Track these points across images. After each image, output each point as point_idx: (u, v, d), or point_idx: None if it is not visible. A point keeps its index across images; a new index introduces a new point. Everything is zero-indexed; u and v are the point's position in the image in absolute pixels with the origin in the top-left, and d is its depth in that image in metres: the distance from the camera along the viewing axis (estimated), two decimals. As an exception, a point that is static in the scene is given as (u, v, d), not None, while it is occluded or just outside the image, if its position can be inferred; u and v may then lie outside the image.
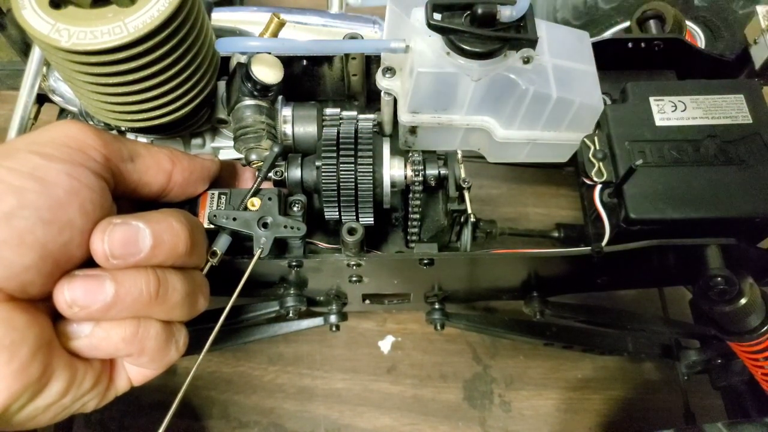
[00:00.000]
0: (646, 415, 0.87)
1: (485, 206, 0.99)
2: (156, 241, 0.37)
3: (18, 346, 0.33)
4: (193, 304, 0.41)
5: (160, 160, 0.43)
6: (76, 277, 0.35)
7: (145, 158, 0.42)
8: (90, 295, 0.35)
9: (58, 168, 0.35)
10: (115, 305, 0.36)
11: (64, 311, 0.36)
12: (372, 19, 0.72)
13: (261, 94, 0.51)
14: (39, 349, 0.34)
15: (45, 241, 0.34)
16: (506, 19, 0.45)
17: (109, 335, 0.37)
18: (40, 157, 0.35)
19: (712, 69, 0.64)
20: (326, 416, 0.88)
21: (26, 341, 0.33)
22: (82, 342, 0.37)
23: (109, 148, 0.39)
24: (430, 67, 0.47)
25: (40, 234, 0.33)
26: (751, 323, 0.55)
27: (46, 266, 0.34)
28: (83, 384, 0.37)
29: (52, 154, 0.36)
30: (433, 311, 0.70)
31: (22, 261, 0.33)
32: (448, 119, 0.52)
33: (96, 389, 0.39)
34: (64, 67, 0.44)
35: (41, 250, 0.34)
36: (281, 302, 0.63)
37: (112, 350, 0.38)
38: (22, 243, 0.33)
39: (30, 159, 0.35)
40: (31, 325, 0.34)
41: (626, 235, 0.53)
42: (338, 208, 0.51)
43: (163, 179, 0.44)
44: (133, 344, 0.38)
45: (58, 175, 0.35)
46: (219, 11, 0.73)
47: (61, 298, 0.35)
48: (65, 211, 0.35)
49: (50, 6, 0.42)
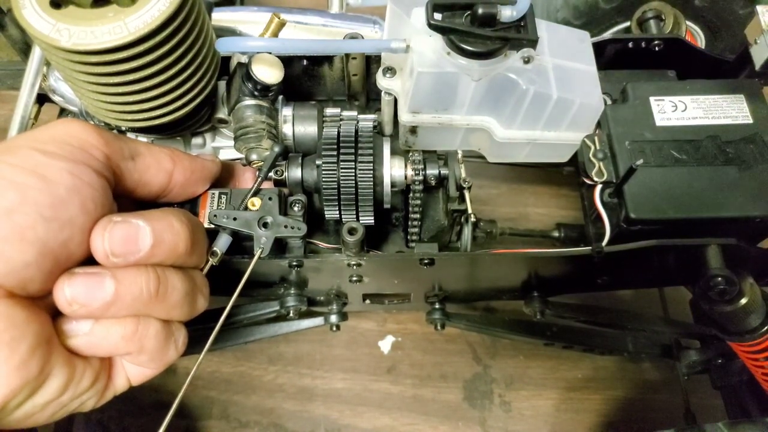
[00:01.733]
0: (646, 415, 0.87)
1: (485, 206, 0.99)
2: (156, 240, 0.37)
3: (18, 342, 0.33)
4: (193, 303, 0.41)
5: (161, 160, 0.43)
6: (77, 275, 0.35)
7: (145, 157, 0.42)
8: (90, 293, 0.35)
9: (60, 165, 0.35)
10: (114, 303, 0.36)
11: (64, 308, 0.36)
12: (372, 19, 0.72)
13: (261, 93, 0.51)
14: (38, 346, 0.34)
15: (46, 238, 0.34)
16: (507, 19, 0.45)
17: (109, 333, 0.37)
18: (41, 155, 0.35)
19: (713, 69, 0.64)
20: (326, 416, 0.88)
21: (26, 337, 0.33)
22: (81, 340, 0.37)
23: (110, 146, 0.39)
24: (431, 67, 0.47)
25: (41, 231, 0.33)
26: (751, 323, 0.55)
27: (46, 263, 0.34)
28: (82, 382, 0.38)
29: (54, 151, 0.36)
30: (434, 311, 0.70)
31: (23, 257, 0.33)
32: (449, 119, 0.52)
33: (94, 388, 0.39)
34: (65, 67, 0.44)
35: (42, 247, 0.34)
36: (282, 302, 0.63)
37: (112, 348, 0.38)
38: (23, 239, 0.33)
39: (32, 156, 0.35)
40: (31, 321, 0.34)
41: (626, 235, 0.53)
42: (338, 208, 0.51)
43: (163, 178, 0.44)
44: (132, 342, 0.38)
45: (59, 172, 0.35)
46: (219, 11, 0.73)
47: (62, 295, 0.35)
48: (66, 209, 0.35)
49: (51, 6, 0.42)
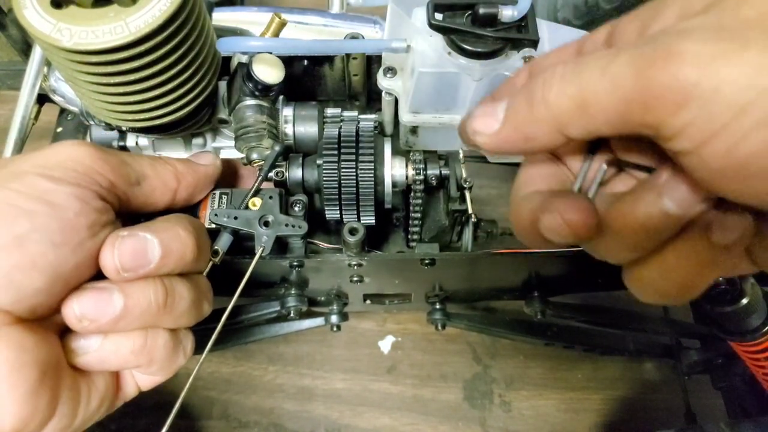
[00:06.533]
0: (647, 415, 0.87)
1: (486, 206, 0.99)
2: (165, 251, 0.37)
3: (28, 368, 0.32)
4: (199, 309, 0.41)
5: (167, 181, 0.44)
6: (85, 291, 0.35)
7: (151, 180, 0.42)
8: (99, 308, 0.35)
9: (68, 191, 0.35)
10: (124, 317, 0.35)
11: (73, 325, 0.35)
12: (373, 19, 0.72)
13: (262, 93, 0.51)
14: (47, 371, 0.34)
15: (56, 263, 0.33)
16: (507, 19, 0.45)
17: (118, 348, 0.37)
18: (48, 181, 0.35)
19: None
20: (326, 416, 0.88)
21: (36, 363, 0.33)
22: (91, 356, 0.37)
23: (116, 173, 0.39)
24: (432, 66, 0.47)
25: (52, 257, 0.33)
26: (752, 323, 0.55)
27: (56, 288, 0.34)
28: (91, 402, 0.37)
29: (61, 177, 0.35)
30: (434, 311, 0.70)
31: (34, 285, 0.33)
32: (450, 119, 0.52)
33: (104, 406, 0.39)
34: (66, 67, 0.44)
35: (53, 274, 0.33)
36: (282, 302, 0.63)
37: (122, 362, 0.38)
38: (34, 267, 0.33)
39: (39, 182, 0.35)
40: (41, 346, 0.34)
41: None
42: (339, 208, 0.51)
43: (168, 198, 0.44)
44: (142, 355, 0.38)
45: (67, 198, 0.35)
46: (220, 11, 0.73)
47: (71, 313, 0.35)
48: (76, 234, 0.35)
49: (51, 6, 0.42)
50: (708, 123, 0.24)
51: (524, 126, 0.31)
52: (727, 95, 0.23)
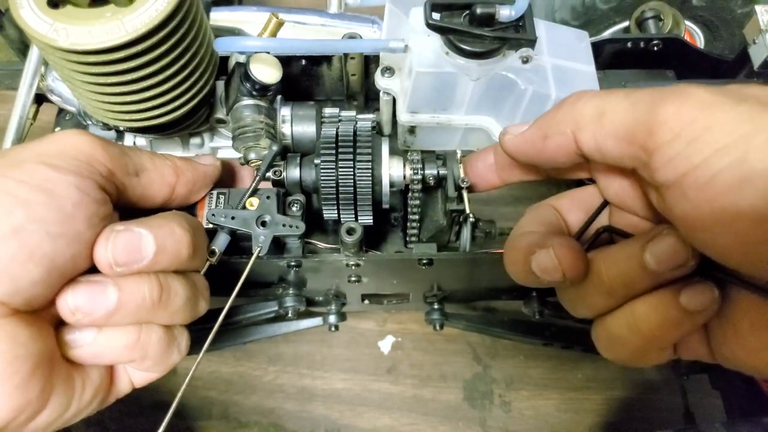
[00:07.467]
0: (646, 415, 0.87)
1: (485, 206, 0.99)
2: (159, 248, 0.37)
3: (21, 361, 0.32)
4: (195, 307, 0.41)
5: (165, 175, 0.44)
6: (80, 284, 0.35)
7: (150, 173, 0.42)
8: (93, 302, 0.35)
9: (68, 180, 0.35)
10: (118, 311, 0.35)
11: (67, 318, 0.35)
12: (371, 19, 0.72)
13: (260, 93, 0.51)
14: (41, 364, 0.34)
15: (53, 255, 0.33)
16: (505, 19, 0.45)
17: (112, 342, 0.37)
18: (49, 169, 0.35)
19: (711, 69, 0.64)
20: (326, 416, 0.88)
21: (30, 356, 0.33)
22: (84, 350, 0.37)
23: (115, 162, 0.39)
24: (429, 66, 0.47)
25: (48, 248, 0.33)
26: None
27: (52, 280, 0.34)
28: (84, 395, 0.37)
29: (61, 165, 0.35)
30: (433, 311, 0.70)
31: (30, 276, 0.33)
32: (447, 119, 0.52)
33: (97, 398, 0.39)
34: (63, 67, 0.44)
35: (49, 265, 0.33)
36: (280, 302, 0.63)
37: (115, 357, 0.38)
38: (31, 258, 0.33)
39: (38, 170, 0.35)
40: (35, 338, 0.34)
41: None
42: (337, 208, 0.51)
43: (166, 192, 0.44)
44: (135, 350, 0.38)
45: (67, 187, 0.35)
46: (217, 11, 0.73)
47: (65, 305, 0.35)
48: (73, 225, 0.34)
49: (48, 5, 0.42)
50: (692, 156, 0.28)
51: (547, 124, 0.37)
52: (713, 134, 0.28)
